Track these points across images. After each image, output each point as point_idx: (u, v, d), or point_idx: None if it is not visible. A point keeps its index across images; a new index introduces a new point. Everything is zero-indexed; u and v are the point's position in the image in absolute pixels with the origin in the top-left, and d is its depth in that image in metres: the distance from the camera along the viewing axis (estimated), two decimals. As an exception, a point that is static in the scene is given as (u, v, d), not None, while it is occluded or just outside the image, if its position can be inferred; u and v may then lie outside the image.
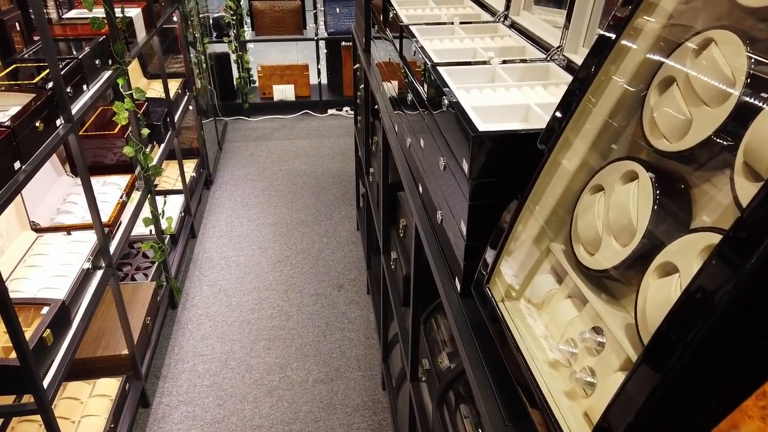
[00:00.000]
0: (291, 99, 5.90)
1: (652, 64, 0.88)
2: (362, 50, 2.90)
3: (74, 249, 2.28)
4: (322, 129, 5.63)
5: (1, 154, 1.57)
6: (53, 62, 1.94)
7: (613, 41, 0.91)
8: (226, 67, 5.68)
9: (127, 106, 2.62)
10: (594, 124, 0.95)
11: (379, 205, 2.51)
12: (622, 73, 0.92)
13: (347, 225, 4.07)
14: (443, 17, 1.86)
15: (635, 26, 0.91)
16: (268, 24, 5.63)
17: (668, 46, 0.86)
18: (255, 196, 4.43)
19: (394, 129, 1.94)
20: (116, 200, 2.59)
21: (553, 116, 0.99)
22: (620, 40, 0.91)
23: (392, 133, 1.96)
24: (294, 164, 4.92)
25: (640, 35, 0.90)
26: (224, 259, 3.70)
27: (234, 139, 5.39)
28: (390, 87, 2.06)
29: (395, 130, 1.92)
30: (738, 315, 0.58)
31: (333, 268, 3.63)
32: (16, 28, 2.44)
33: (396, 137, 1.91)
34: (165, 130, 3.47)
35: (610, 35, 0.92)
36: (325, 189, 4.53)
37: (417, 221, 1.46)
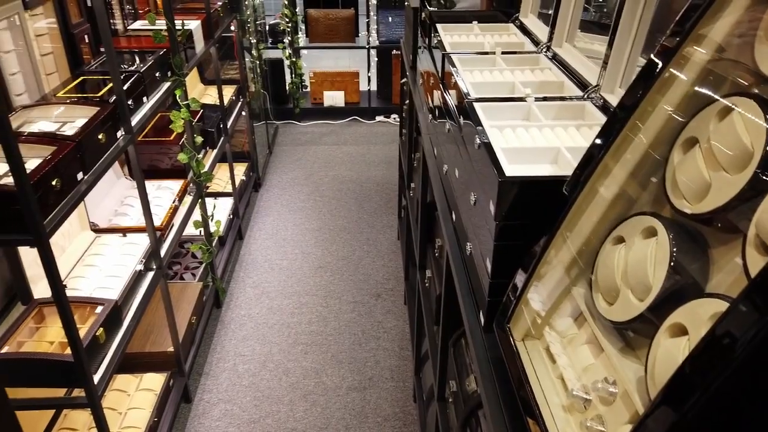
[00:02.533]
0: (341, 105, 6.01)
1: (678, 123, 0.89)
2: (409, 67, 2.95)
3: (128, 250, 2.42)
4: (369, 136, 5.72)
5: (67, 165, 1.71)
6: (116, 77, 2.07)
7: (640, 96, 0.93)
8: (279, 73, 5.84)
9: (182, 115, 2.76)
10: (620, 175, 0.98)
11: (418, 222, 2.55)
12: (649, 129, 0.94)
13: (388, 234, 4.14)
14: (486, 45, 1.89)
15: (664, 82, 0.93)
16: (322, 31, 5.75)
17: (693, 106, 0.87)
18: (301, 200, 4.55)
19: (433, 152, 1.98)
20: (169, 205, 2.74)
21: (581, 163, 1.01)
22: (648, 95, 0.93)
23: (431, 156, 2.00)
24: (340, 170, 5.02)
25: (667, 93, 0.92)
26: (268, 262, 3.83)
27: (284, 143, 5.54)
28: (431, 110, 2.11)
29: (434, 153, 1.97)
30: (736, 389, 0.60)
31: (372, 276, 3.70)
32: (85, 40, 2.61)
33: (434, 161, 1.95)
34: (218, 135, 3.61)
35: (638, 90, 0.94)
36: (368, 197, 4.61)
37: (448, 249, 1.50)
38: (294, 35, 5.70)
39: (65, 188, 1.68)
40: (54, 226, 1.58)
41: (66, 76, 2.47)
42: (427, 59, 2.26)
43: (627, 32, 1.34)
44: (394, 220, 4.27)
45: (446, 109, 1.68)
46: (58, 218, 1.61)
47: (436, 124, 1.90)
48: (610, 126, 0.97)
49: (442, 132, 1.81)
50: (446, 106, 1.68)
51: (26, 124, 2.00)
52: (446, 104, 1.68)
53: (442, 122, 1.79)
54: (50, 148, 1.72)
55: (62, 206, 1.65)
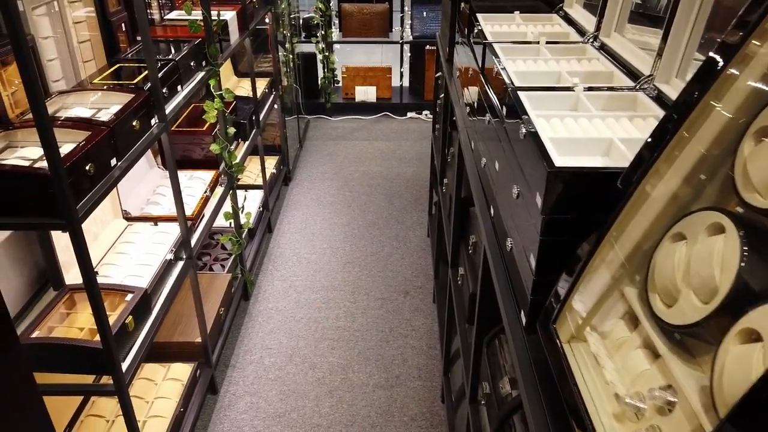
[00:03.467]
0: (372, 100, 5.97)
1: (749, 110, 0.82)
2: (445, 60, 2.89)
3: (159, 239, 2.42)
4: (400, 131, 5.67)
5: (101, 151, 1.70)
6: (152, 64, 2.06)
7: (703, 86, 0.86)
8: (311, 67, 5.82)
9: (216, 105, 2.75)
10: (682, 167, 0.90)
11: (450, 218, 2.49)
12: (716, 118, 0.86)
13: (418, 231, 4.08)
14: (529, 35, 1.82)
15: (735, 67, 0.85)
16: (356, 26, 5.71)
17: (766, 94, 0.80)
18: (330, 195, 4.53)
19: (470, 145, 1.92)
20: (200, 195, 2.73)
21: (639, 154, 0.94)
22: (717, 80, 0.86)
23: (468, 150, 1.94)
24: (370, 165, 4.98)
25: (739, 77, 0.85)
26: (297, 255, 3.81)
27: (314, 138, 5.52)
28: (469, 102, 2.04)
29: (471, 146, 1.90)
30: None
31: (401, 273, 3.65)
32: (122, 29, 2.62)
33: (471, 154, 1.89)
34: (250, 128, 3.61)
35: (707, 74, 0.86)
36: (398, 193, 4.56)
37: (486, 245, 1.44)
38: (327, 29, 5.68)
39: (98, 174, 1.67)
40: (86, 211, 1.57)
41: (102, 63, 2.47)
42: (466, 52, 2.19)
43: (685, 18, 1.26)
44: (424, 217, 4.21)
45: (487, 100, 1.61)
46: (90, 203, 1.59)
47: (474, 117, 1.84)
48: (670, 119, 0.90)
49: (481, 125, 1.74)
50: (487, 97, 1.62)
51: (62, 110, 2.00)
52: (487, 95, 1.62)
53: (481, 115, 1.72)
54: (85, 134, 1.72)
55: (95, 192, 1.64)
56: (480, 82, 1.72)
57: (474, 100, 1.90)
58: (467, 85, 2.15)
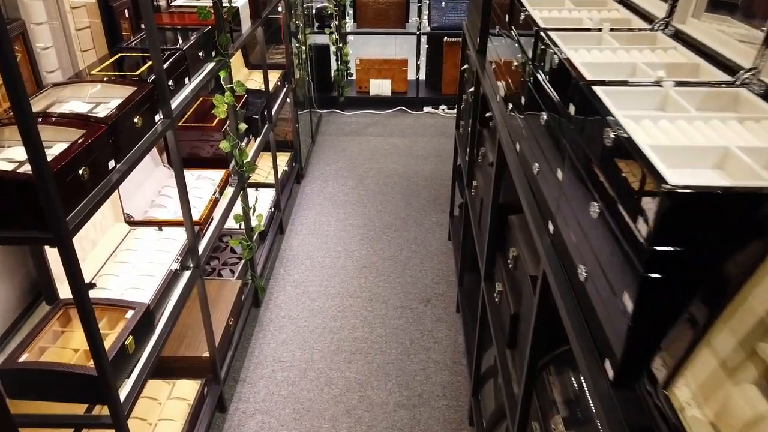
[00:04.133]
0: (387, 94, 5.73)
1: None
2: (475, 51, 2.66)
3: (164, 246, 2.21)
4: (416, 127, 5.43)
5: (97, 151, 1.48)
6: (156, 54, 1.85)
7: None
8: (324, 59, 5.60)
9: (226, 100, 2.53)
10: None
11: (483, 227, 2.27)
12: None
13: (438, 233, 3.85)
14: (587, 22, 1.59)
15: None
16: (371, 16, 5.48)
17: None
18: (344, 194, 4.31)
19: (515, 147, 1.69)
20: (209, 197, 2.52)
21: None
22: None
23: (511, 151, 1.71)
24: (386, 163, 4.75)
25: None
26: (310, 259, 3.60)
27: (327, 133, 5.30)
28: (512, 97, 1.81)
29: (516, 148, 1.68)
30: None
31: (421, 279, 3.43)
32: (125, 15, 2.40)
33: (516, 157, 1.66)
34: (262, 123, 3.39)
35: None
36: (416, 192, 4.33)
37: (547, 269, 1.22)
38: (341, 20, 5.44)
39: (94, 178, 1.46)
40: (79, 223, 1.36)
41: (103, 52, 2.26)
42: (506, 42, 1.96)
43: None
44: (444, 218, 3.99)
45: (541, 96, 1.39)
46: (83, 213, 1.38)
47: (522, 114, 1.61)
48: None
49: (531, 124, 1.52)
50: (541, 92, 1.39)
51: (56, 104, 1.79)
52: (541, 90, 1.39)
53: (531, 113, 1.49)
54: (79, 132, 1.50)
55: (89, 199, 1.43)
56: (531, 76, 1.49)
57: (519, 96, 1.67)
58: (507, 78, 1.92)
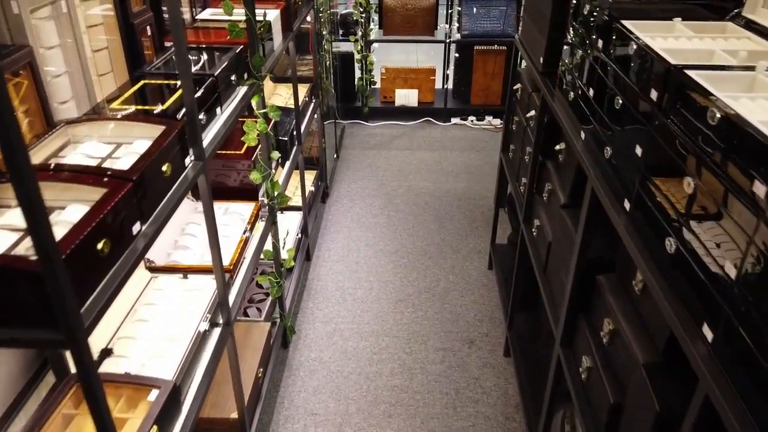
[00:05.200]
0: (413, 105, 5.44)
1: None
2: (538, 72, 2.36)
3: (190, 298, 1.93)
4: (444, 140, 5.14)
5: (120, 216, 1.20)
6: (188, 85, 1.56)
7: None
8: (348, 68, 5.31)
9: (259, 127, 2.25)
10: None
11: (556, 280, 1.98)
12: None
13: (477, 262, 3.56)
14: (720, 55, 1.29)
15: None
16: (398, 23, 5.18)
17: None
18: (373, 215, 4.02)
19: (623, 206, 1.40)
20: (239, 236, 2.24)
21: None
22: None
23: (612, 206, 1.42)
24: (414, 180, 4.46)
25: None
26: (340, 290, 3.31)
27: (351, 146, 5.01)
28: (617, 142, 1.52)
29: (625, 207, 1.38)
30: None
31: (462, 316, 3.14)
32: (146, 32, 2.12)
33: (620, 214, 1.37)
34: (291, 144, 3.11)
35: None
36: (449, 214, 4.04)
37: (703, 372, 0.92)
38: (367, 27, 5.15)
39: (115, 250, 1.18)
40: (97, 315, 1.08)
41: (123, 76, 1.99)
42: (602, 73, 1.67)
43: None
44: (482, 245, 3.69)
45: (683, 157, 1.09)
46: (103, 300, 1.10)
47: (628, 172, 1.32)
48: None
49: (658, 172, 1.22)
50: (684, 155, 1.09)
51: (70, 146, 1.52)
52: (683, 152, 1.10)
53: (669, 176, 1.20)
54: (98, 190, 1.22)
55: (110, 279, 1.15)
56: (662, 131, 1.20)
57: (631, 143, 1.38)
58: (610, 122, 1.62)
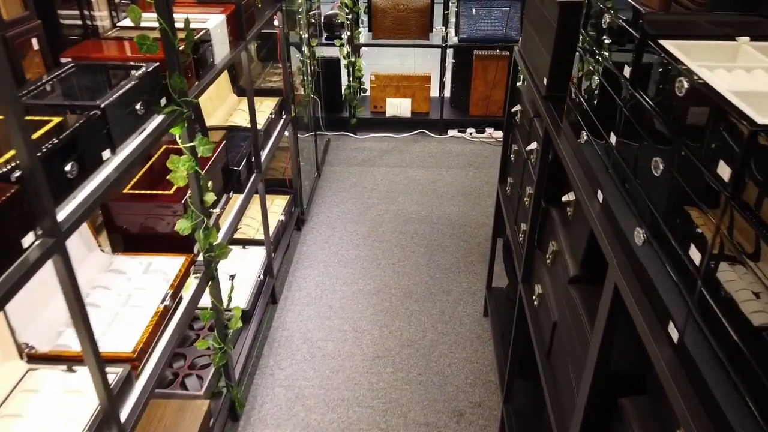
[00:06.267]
0: (406, 115, 4.94)
1: None
2: (541, 96, 1.86)
3: (70, 407, 1.45)
4: (440, 155, 4.64)
5: None
6: (26, 136, 1.07)
7: None
8: (334, 74, 4.82)
9: (184, 166, 1.76)
10: None
11: (564, 377, 1.48)
12: None
13: (470, 307, 3.06)
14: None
15: None
16: (389, 25, 4.68)
17: None
18: (354, 246, 3.52)
19: (670, 334, 0.90)
20: (155, 306, 1.74)
21: None
22: None
23: (642, 314, 0.92)
24: (404, 203, 3.96)
25: None
26: (308, 343, 2.82)
27: (335, 162, 4.52)
28: (645, 216, 1.02)
29: (673, 338, 0.88)
30: None
31: (450, 379, 2.64)
32: (32, 46, 1.64)
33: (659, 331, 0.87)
34: (248, 173, 2.62)
35: None
36: (441, 245, 3.54)
37: None
38: (354, 29, 4.65)
39: None
40: None
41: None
42: (633, 113, 1.17)
43: None
44: (479, 284, 3.19)
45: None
46: None
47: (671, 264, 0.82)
48: None
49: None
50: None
51: None
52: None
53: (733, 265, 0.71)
54: None
55: None
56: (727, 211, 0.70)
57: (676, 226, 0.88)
58: (649, 187, 1.12)
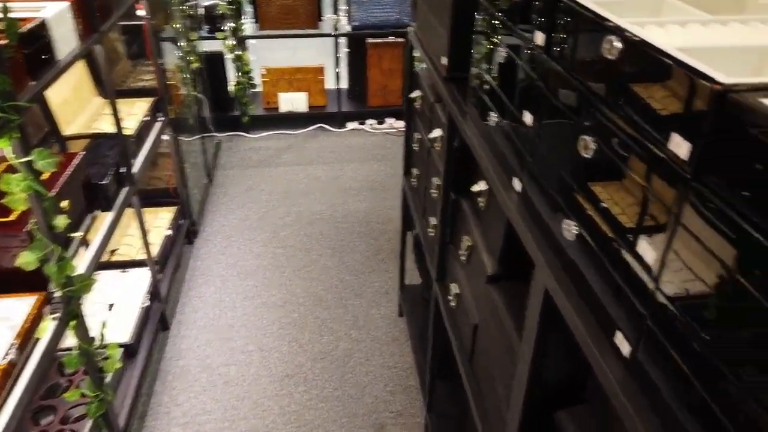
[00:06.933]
0: (302, 110, 4.68)
1: None
2: (441, 78, 1.69)
3: None
4: (340, 150, 4.42)
5: None
6: None
7: None
8: (219, 70, 4.46)
9: (19, 186, 1.42)
10: None
11: (490, 395, 1.32)
12: None
13: (384, 308, 2.89)
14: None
15: None
16: (275, 15, 4.39)
17: None
18: (254, 255, 3.24)
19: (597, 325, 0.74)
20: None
21: None
22: None
23: (585, 326, 0.76)
24: (306, 203, 3.72)
25: None
26: (207, 370, 2.52)
27: (228, 165, 4.18)
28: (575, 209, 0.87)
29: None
30: None
31: (368, 389, 2.45)
32: None
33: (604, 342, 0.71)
34: (117, 186, 2.27)
35: None
36: (349, 244, 3.34)
37: None
38: (237, 20, 4.31)
39: None
40: None
41: None
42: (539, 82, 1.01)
43: None
44: (392, 282, 3.02)
45: None
46: None
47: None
48: None
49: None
50: None
51: None
52: None
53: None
54: None
55: None
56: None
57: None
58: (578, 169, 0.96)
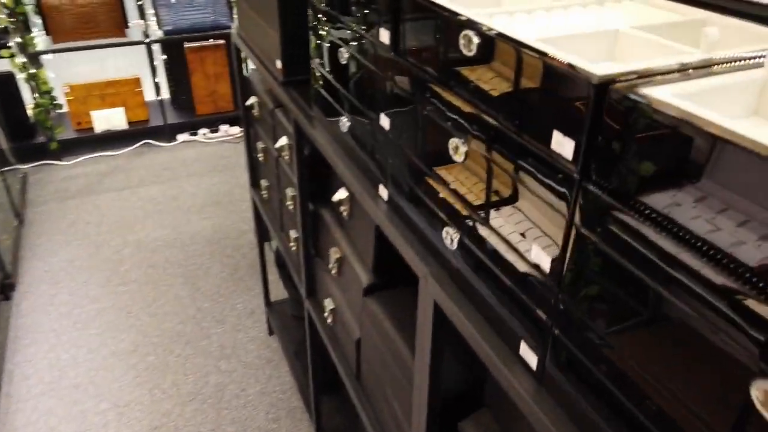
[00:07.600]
0: (122, 127, 4.21)
1: None
2: (280, 83, 1.55)
3: None
4: (174, 166, 4.06)
5: None
6: None
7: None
8: (12, 93, 3.84)
9: None
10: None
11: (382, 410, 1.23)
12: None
13: (251, 330, 2.68)
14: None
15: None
16: (71, 25, 3.87)
17: None
18: (91, 299, 2.83)
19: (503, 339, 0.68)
20: None
21: None
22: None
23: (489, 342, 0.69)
24: (144, 230, 3.35)
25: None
26: (54, 446, 2.14)
27: (41, 200, 3.62)
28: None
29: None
30: None
31: (249, 422, 2.25)
32: None
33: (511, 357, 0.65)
34: None
35: None
36: (202, 268, 3.06)
37: None
38: (25, 34, 3.73)
39: None
40: None
41: None
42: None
43: None
44: (256, 300, 2.82)
45: None
46: None
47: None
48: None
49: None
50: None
51: None
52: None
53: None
54: None
55: None
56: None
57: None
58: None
